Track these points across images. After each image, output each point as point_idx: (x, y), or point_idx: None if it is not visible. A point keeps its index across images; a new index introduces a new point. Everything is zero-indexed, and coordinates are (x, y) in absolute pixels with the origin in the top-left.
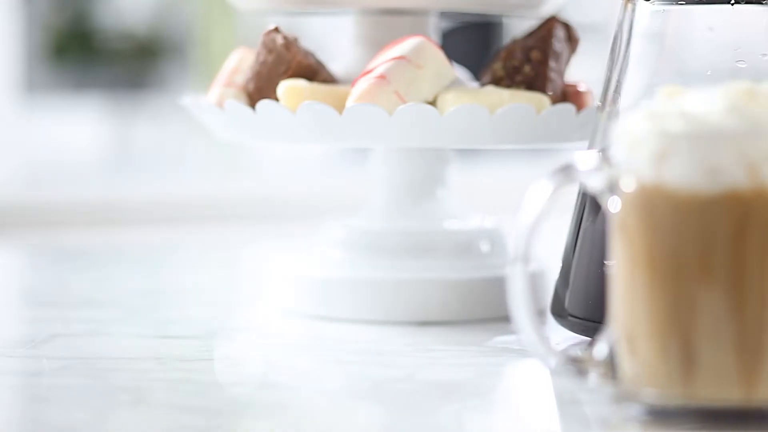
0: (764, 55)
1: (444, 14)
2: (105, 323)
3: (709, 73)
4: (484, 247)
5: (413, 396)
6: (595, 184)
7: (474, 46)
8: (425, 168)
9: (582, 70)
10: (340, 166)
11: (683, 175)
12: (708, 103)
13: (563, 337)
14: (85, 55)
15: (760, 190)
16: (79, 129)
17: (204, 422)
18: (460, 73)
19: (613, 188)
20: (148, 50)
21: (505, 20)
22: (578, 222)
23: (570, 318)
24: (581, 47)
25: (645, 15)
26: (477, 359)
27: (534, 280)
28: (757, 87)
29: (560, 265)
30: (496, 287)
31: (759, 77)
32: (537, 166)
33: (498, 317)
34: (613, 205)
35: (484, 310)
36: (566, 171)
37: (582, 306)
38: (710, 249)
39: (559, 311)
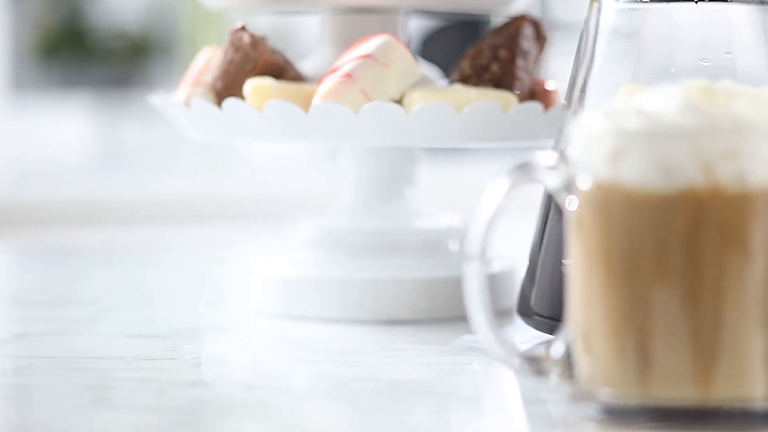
0: (728, 53)
1: (415, 12)
2: (77, 322)
3: (672, 71)
4: (453, 246)
5: (379, 395)
6: (552, 182)
7: (460, 45)
8: (393, 166)
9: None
10: (336, 164)
11: (639, 173)
12: (664, 102)
13: (529, 336)
14: (74, 53)
15: (716, 189)
16: (68, 128)
17: (168, 421)
18: (429, 71)
19: (570, 186)
20: (139, 49)
21: (492, 19)
22: (544, 220)
23: (536, 317)
24: (571, 46)
25: (611, 13)
26: (443, 358)
27: (500, 280)
28: (714, 85)
29: (527, 263)
30: None
31: (723, 75)
32: (506, 165)
33: (466, 316)
34: (570, 204)
35: (452, 309)
36: (523, 169)
37: (548, 304)
38: (666, 248)
39: (525, 310)
